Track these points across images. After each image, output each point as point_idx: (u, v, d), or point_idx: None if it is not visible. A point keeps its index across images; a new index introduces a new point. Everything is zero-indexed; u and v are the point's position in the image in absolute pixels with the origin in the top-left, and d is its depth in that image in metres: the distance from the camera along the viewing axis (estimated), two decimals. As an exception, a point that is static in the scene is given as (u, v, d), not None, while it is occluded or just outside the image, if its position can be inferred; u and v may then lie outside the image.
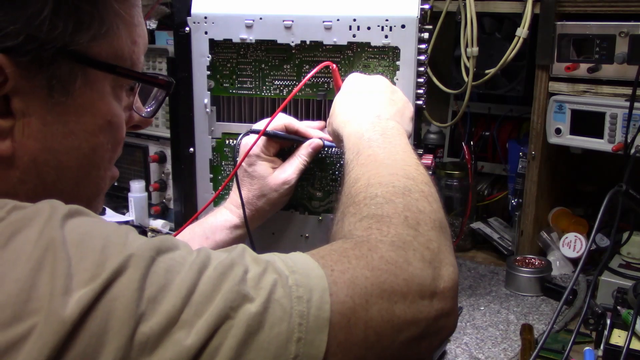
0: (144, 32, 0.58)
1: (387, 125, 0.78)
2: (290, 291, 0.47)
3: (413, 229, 0.57)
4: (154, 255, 0.45)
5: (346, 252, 0.53)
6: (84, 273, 0.42)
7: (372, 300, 0.50)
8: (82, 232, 0.45)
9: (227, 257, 0.48)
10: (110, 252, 0.43)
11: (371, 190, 0.63)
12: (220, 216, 0.95)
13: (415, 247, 0.55)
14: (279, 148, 0.97)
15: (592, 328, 0.93)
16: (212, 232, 0.93)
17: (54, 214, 0.45)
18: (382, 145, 0.73)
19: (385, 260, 0.52)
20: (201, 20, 1.00)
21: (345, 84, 0.90)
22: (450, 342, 0.97)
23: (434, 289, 0.54)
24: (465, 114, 1.42)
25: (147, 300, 0.42)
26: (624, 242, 1.13)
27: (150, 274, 0.43)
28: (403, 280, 0.52)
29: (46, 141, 0.51)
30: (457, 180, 1.38)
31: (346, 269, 0.51)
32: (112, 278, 0.42)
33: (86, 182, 0.56)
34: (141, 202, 1.46)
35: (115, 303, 0.41)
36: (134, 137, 1.53)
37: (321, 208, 1.01)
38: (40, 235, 0.43)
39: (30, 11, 0.47)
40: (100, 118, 0.54)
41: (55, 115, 0.51)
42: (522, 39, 1.19)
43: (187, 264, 0.46)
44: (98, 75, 0.53)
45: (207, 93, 1.02)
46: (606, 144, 1.13)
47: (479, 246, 1.41)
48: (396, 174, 0.65)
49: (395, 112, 0.83)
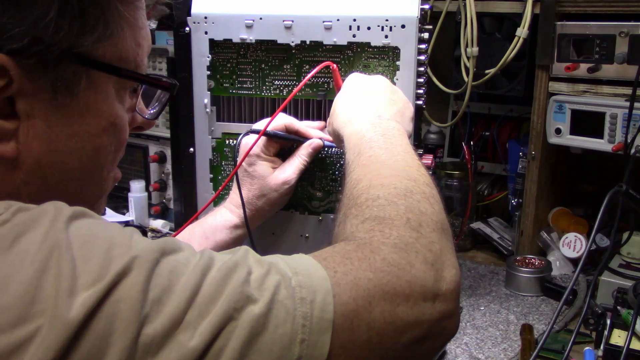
0: (147, 34, 0.59)
1: (388, 126, 0.78)
2: (294, 292, 0.47)
3: (415, 231, 0.57)
4: (158, 257, 0.45)
5: (349, 254, 0.53)
6: (88, 275, 0.42)
7: (375, 302, 0.50)
8: (87, 233, 0.45)
9: (230, 259, 0.48)
10: (115, 254, 0.43)
11: (373, 192, 0.63)
12: (220, 216, 0.95)
13: (417, 249, 0.55)
14: (279, 148, 0.97)
15: (592, 328, 0.93)
16: (212, 232, 0.93)
17: (59, 216, 0.45)
18: (383, 146, 0.73)
19: (388, 262, 0.52)
20: (201, 20, 1.00)
21: (345, 84, 0.90)
22: (450, 342, 0.97)
23: (437, 290, 0.54)
24: (465, 114, 1.42)
25: (152, 302, 0.42)
26: (624, 242, 1.13)
27: (155, 275, 0.44)
28: (406, 282, 0.52)
29: (50, 143, 0.52)
30: (457, 180, 1.38)
31: (349, 271, 0.51)
32: (117, 280, 0.42)
33: (89, 183, 0.56)
34: (141, 202, 1.46)
35: (120, 305, 0.41)
36: (134, 137, 1.53)
37: (321, 208, 1.01)
38: (45, 237, 0.43)
39: (36, 13, 0.48)
40: (103, 120, 0.55)
41: (59, 117, 0.51)
42: (522, 39, 1.19)
43: (191, 266, 0.46)
44: (102, 77, 0.53)
45: (207, 93, 1.02)
46: (606, 144, 1.13)
47: (479, 246, 1.41)
48: (398, 176, 0.65)
49: (395, 112, 0.83)
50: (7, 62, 0.48)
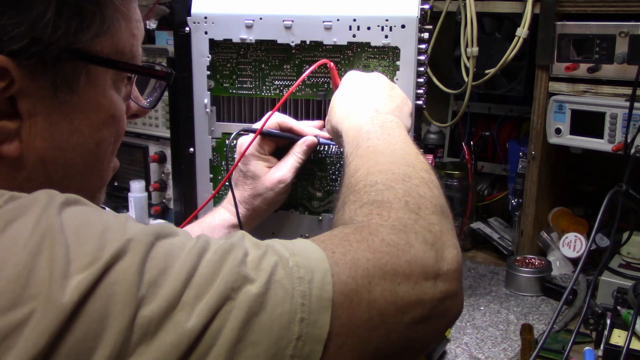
0: (140, 24, 0.59)
1: (386, 119, 0.78)
2: (292, 272, 0.47)
3: (414, 213, 0.57)
4: (153, 240, 0.45)
5: (347, 236, 0.53)
6: (82, 258, 0.42)
7: (375, 281, 0.50)
8: (80, 219, 0.45)
9: (226, 242, 0.48)
10: (109, 238, 0.43)
11: (371, 178, 0.63)
12: (218, 216, 0.95)
13: (416, 230, 0.55)
14: (275, 147, 0.97)
15: (592, 328, 0.93)
16: (210, 231, 0.93)
17: (52, 202, 0.45)
18: (381, 137, 0.73)
19: (387, 243, 0.52)
20: (201, 20, 1.00)
21: (343, 82, 0.90)
22: (450, 342, 0.97)
23: (437, 270, 0.54)
24: (465, 114, 1.42)
25: (148, 284, 0.42)
26: (624, 242, 1.13)
27: (150, 258, 0.43)
28: (405, 262, 0.52)
29: (53, 140, 0.52)
30: (457, 180, 1.38)
31: (347, 251, 0.51)
32: (112, 262, 0.42)
33: (91, 176, 0.57)
34: (141, 202, 1.46)
35: (115, 287, 0.41)
36: (134, 137, 1.53)
37: (321, 208, 1.01)
38: (38, 221, 0.43)
39: (34, 14, 0.48)
40: (103, 113, 0.55)
41: (60, 114, 0.52)
42: (522, 39, 1.19)
43: (187, 249, 0.46)
44: (100, 71, 0.54)
45: (207, 93, 1.02)
46: (606, 144, 1.13)
47: (479, 246, 1.41)
48: (395, 162, 0.65)
49: (394, 107, 0.83)
50: (8, 63, 0.48)
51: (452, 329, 1.02)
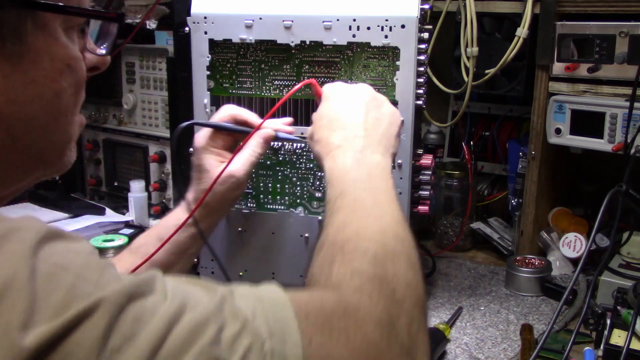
0: None
1: (372, 162, 0.75)
2: (264, 359, 0.45)
3: (399, 306, 0.55)
4: (125, 302, 0.42)
5: (332, 318, 0.51)
6: (48, 310, 0.39)
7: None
8: (55, 262, 0.42)
9: (204, 308, 0.45)
10: (79, 292, 0.41)
11: (362, 244, 0.60)
12: (172, 215, 0.93)
13: (398, 330, 0.53)
14: (232, 141, 0.94)
15: (592, 328, 0.93)
16: (166, 233, 0.89)
17: (28, 239, 0.42)
18: (368, 189, 0.70)
19: (367, 342, 0.50)
20: (201, 20, 1.00)
21: (324, 96, 0.85)
22: (450, 343, 0.97)
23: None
24: (465, 114, 1.42)
25: (111, 351, 0.40)
26: (624, 242, 1.13)
27: (118, 322, 0.41)
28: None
29: (8, 93, 0.50)
30: (457, 180, 1.38)
31: (325, 343, 0.48)
32: (78, 321, 0.40)
33: (55, 130, 0.55)
34: (141, 202, 1.46)
35: (76, 348, 0.39)
36: (134, 137, 1.53)
37: (321, 208, 1.01)
38: (3, 267, 0.40)
39: None
40: (58, 62, 0.53)
41: (12, 66, 0.50)
42: (522, 39, 1.19)
43: (158, 314, 0.43)
44: (48, 18, 0.52)
45: (207, 93, 1.02)
46: (606, 144, 1.13)
47: (479, 246, 1.41)
48: (386, 232, 0.63)
49: (380, 137, 0.80)
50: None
51: (452, 329, 1.02)
